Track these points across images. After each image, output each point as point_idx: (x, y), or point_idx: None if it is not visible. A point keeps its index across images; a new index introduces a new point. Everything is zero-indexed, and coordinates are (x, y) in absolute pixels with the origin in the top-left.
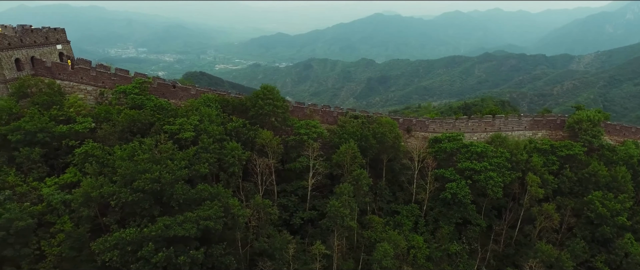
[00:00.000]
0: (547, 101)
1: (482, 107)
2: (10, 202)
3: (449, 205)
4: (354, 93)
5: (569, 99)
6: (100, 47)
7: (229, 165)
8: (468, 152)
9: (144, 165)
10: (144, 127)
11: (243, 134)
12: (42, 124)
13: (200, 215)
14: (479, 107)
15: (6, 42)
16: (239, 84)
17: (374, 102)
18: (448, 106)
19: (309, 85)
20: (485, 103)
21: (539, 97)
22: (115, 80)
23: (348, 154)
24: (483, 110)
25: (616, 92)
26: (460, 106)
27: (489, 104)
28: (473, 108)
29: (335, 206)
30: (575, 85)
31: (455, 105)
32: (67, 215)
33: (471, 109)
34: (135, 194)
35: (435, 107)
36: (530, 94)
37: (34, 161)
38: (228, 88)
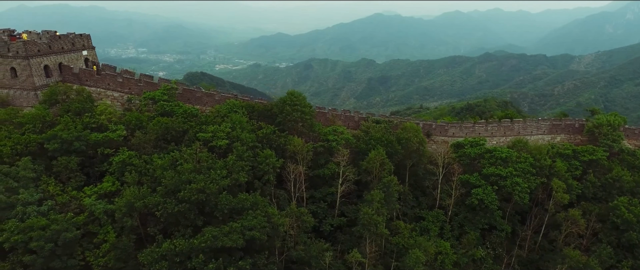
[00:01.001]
0: (548, 101)
1: (485, 108)
2: (54, 213)
3: (475, 211)
4: (355, 93)
5: (570, 99)
6: (100, 48)
7: (263, 173)
8: (492, 157)
9: (188, 175)
10: (178, 135)
11: (274, 141)
12: (78, 132)
13: (244, 225)
14: (481, 108)
15: (36, 49)
16: (240, 84)
17: (375, 102)
18: (450, 106)
19: (309, 85)
20: (488, 104)
21: (539, 97)
22: (142, 86)
23: (377, 160)
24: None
25: (617, 92)
26: (463, 107)
27: (491, 104)
28: (476, 108)
29: (369, 213)
30: (576, 86)
31: (457, 105)
32: (109, 225)
33: (474, 109)
34: (181, 205)
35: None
36: (531, 94)
37: (72, 170)
38: (229, 88)
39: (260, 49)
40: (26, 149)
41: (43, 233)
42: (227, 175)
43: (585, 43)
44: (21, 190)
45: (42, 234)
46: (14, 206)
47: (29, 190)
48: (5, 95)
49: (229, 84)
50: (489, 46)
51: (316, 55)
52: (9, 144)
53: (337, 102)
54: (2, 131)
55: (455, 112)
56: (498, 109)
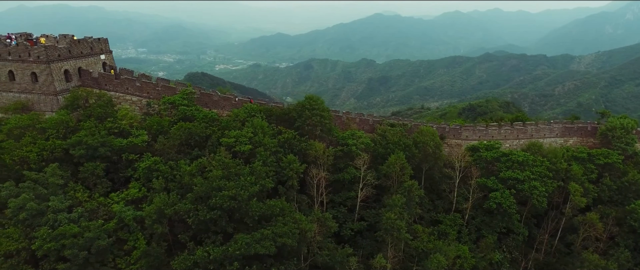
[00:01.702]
0: (549, 102)
1: (487, 108)
2: (84, 220)
3: (492, 215)
4: (355, 93)
5: (571, 99)
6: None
7: (287, 178)
8: (508, 160)
9: (218, 182)
10: (201, 140)
11: (295, 145)
12: (103, 138)
13: (275, 231)
14: (483, 108)
15: (56, 54)
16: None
17: (375, 102)
18: (452, 107)
19: (309, 85)
20: (490, 104)
21: (540, 97)
22: (160, 90)
23: (397, 164)
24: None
25: (618, 92)
26: (465, 107)
27: (493, 105)
28: (478, 109)
29: (391, 218)
30: (577, 86)
31: (459, 106)
32: (139, 232)
33: (476, 110)
34: (213, 212)
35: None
36: (532, 94)
37: (98, 176)
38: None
39: (260, 49)
40: (52, 155)
41: (76, 241)
42: (256, 181)
43: (585, 43)
44: (52, 198)
45: (75, 241)
46: (44, 213)
47: (58, 197)
48: (26, 100)
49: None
50: (488, 46)
51: (316, 55)
52: (35, 150)
53: (338, 103)
54: (26, 137)
55: (458, 112)
56: (500, 110)
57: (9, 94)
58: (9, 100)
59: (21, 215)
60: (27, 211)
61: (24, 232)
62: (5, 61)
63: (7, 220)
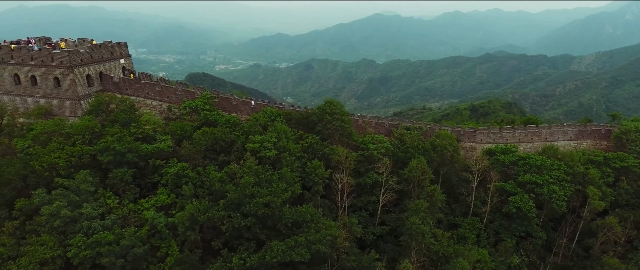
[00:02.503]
0: (550, 102)
1: (489, 109)
2: (117, 227)
3: (511, 219)
4: (356, 93)
5: (572, 99)
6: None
7: (312, 184)
8: (526, 164)
9: (251, 189)
10: (226, 145)
11: (318, 150)
12: (130, 144)
13: (308, 238)
14: (485, 109)
15: (79, 59)
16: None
17: (376, 102)
18: (454, 107)
19: (309, 85)
20: (492, 105)
21: (541, 98)
22: (180, 94)
23: (419, 169)
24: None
25: (618, 92)
26: (467, 108)
27: (495, 105)
28: (480, 109)
29: (416, 223)
30: (578, 86)
31: (461, 106)
32: (171, 238)
33: (478, 110)
34: (247, 219)
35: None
36: (533, 94)
37: (127, 182)
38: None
39: (260, 49)
40: (80, 160)
41: (113, 248)
42: (287, 188)
43: (585, 43)
44: (85, 205)
45: (112, 249)
46: (77, 220)
47: (91, 204)
48: (48, 105)
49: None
50: (488, 46)
51: (316, 55)
52: (64, 156)
53: None
54: (52, 142)
55: (460, 113)
56: (502, 110)
57: (31, 99)
58: (31, 105)
59: (56, 222)
60: (61, 218)
61: (58, 239)
62: (28, 66)
63: (40, 227)
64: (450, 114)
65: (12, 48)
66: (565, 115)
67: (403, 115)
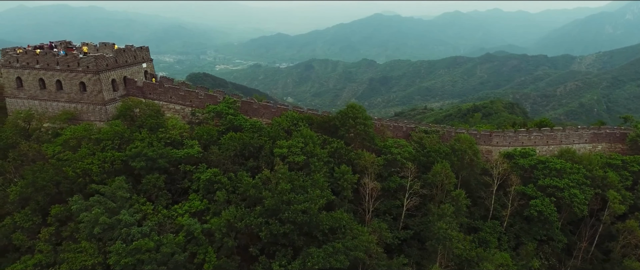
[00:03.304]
0: (551, 102)
1: (491, 109)
2: (155, 234)
3: (532, 222)
4: (356, 94)
5: (573, 100)
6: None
7: (341, 189)
8: (546, 168)
9: (288, 195)
10: (255, 151)
11: (343, 155)
12: (161, 150)
13: (345, 245)
14: (488, 109)
15: (105, 64)
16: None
17: (376, 102)
18: (456, 108)
19: (310, 85)
20: (495, 105)
21: (542, 98)
22: (202, 99)
23: (443, 173)
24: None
25: (619, 93)
26: (469, 108)
27: (498, 106)
28: (482, 110)
29: (443, 228)
30: (578, 86)
31: (464, 107)
32: (208, 245)
33: (481, 111)
34: (285, 226)
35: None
36: (534, 95)
37: (160, 188)
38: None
39: (260, 49)
40: (112, 166)
41: (154, 256)
42: (322, 194)
43: (585, 43)
44: (122, 212)
45: (153, 256)
46: (114, 227)
47: (128, 211)
48: (74, 110)
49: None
50: (488, 46)
51: (316, 55)
52: (96, 162)
53: (339, 103)
54: (83, 148)
55: (462, 113)
56: (505, 111)
57: (57, 104)
58: (56, 109)
59: (95, 229)
60: (100, 225)
61: (98, 246)
62: (53, 71)
63: (79, 234)
64: (452, 114)
65: (37, 53)
66: (566, 116)
67: (405, 115)
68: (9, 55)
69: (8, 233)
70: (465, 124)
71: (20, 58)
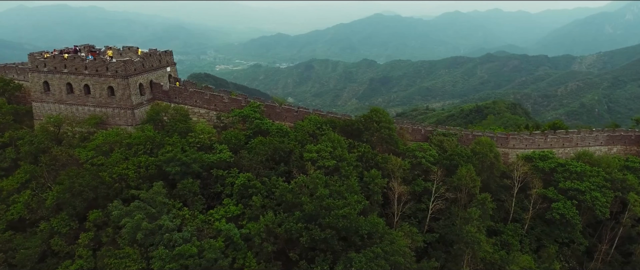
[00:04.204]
0: (552, 102)
1: (494, 110)
2: (196, 239)
3: (553, 225)
4: (357, 94)
5: (574, 100)
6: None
7: (372, 193)
8: (566, 171)
9: (327, 201)
10: (285, 155)
11: (371, 159)
12: (194, 154)
13: (385, 250)
14: (491, 110)
15: (133, 68)
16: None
17: (377, 103)
18: (459, 109)
19: (310, 85)
20: (497, 106)
21: (543, 98)
22: (227, 103)
23: (468, 176)
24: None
25: (620, 93)
26: (472, 109)
27: (500, 106)
28: (485, 110)
29: (471, 232)
30: (579, 87)
31: (466, 107)
32: (247, 250)
33: (483, 111)
34: (326, 231)
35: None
36: (534, 95)
37: (195, 193)
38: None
39: (260, 49)
40: (146, 171)
41: (199, 261)
42: (359, 199)
43: (585, 43)
44: (163, 217)
45: (198, 262)
46: (154, 233)
47: (168, 216)
48: (102, 114)
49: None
50: (489, 46)
51: (316, 55)
52: (131, 167)
53: (339, 103)
54: (116, 153)
55: (464, 114)
56: (507, 111)
57: (84, 108)
58: (84, 114)
59: (138, 235)
60: (142, 231)
61: (140, 252)
62: (82, 75)
63: (120, 240)
64: (455, 114)
65: (65, 57)
66: (567, 116)
67: (406, 116)
68: (36, 59)
69: (46, 238)
70: (478, 125)
71: (48, 62)
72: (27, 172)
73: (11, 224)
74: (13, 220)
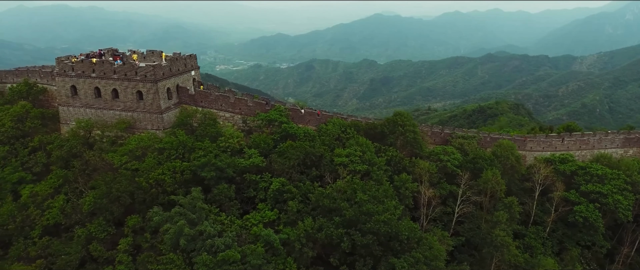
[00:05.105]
0: (553, 103)
1: (497, 110)
2: (236, 245)
3: (575, 228)
4: (357, 94)
5: (575, 100)
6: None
7: (403, 198)
8: (587, 174)
9: (367, 206)
10: (316, 159)
11: (398, 163)
12: (228, 159)
13: (425, 255)
14: (493, 110)
15: (161, 73)
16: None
17: (378, 103)
18: (461, 109)
19: (311, 86)
20: (500, 106)
21: (544, 98)
22: (251, 106)
23: (493, 180)
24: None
25: (621, 93)
26: (475, 109)
27: (503, 107)
28: (488, 111)
29: (500, 236)
30: (580, 87)
31: (468, 108)
32: (287, 256)
33: (486, 112)
34: (367, 236)
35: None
36: (535, 95)
37: (231, 198)
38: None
39: (261, 49)
40: (182, 176)
41: (242, 267)
42: (397, 205)
43: (585, 43)
44: (204, 223)
45: (241, 268)
46: (195, 239)
47: (209, 222)
48: (130, 118)
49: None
50: (489, 46)
51: (316, 55)
52: (167, 173)
53: (340, 103)
54: (149, 158)
55: (467, 114)
56: (510, 112)
57: (112, 112)
58: (111, 118)
59: (181, 241)
60: (185, 237)
61: (183, 258)
62: (110, 80)
63: (162, 246)
64: (457, 115)
65: (93, 62)
66: (569, 116)
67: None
68: (63, 64)
69: (84, 244)
70: (492, 127)
71: (76, 67)
72: (60, 177)
73: (46, 229)
74: (48, 225)
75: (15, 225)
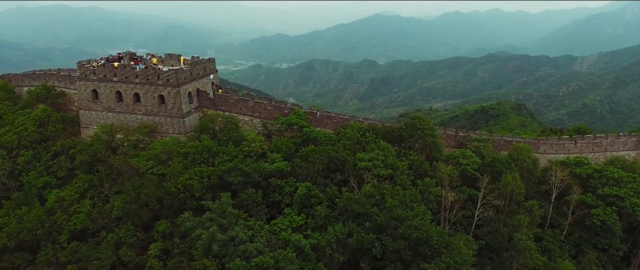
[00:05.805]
0: (553, 103)
1: (499, 111)
2: (268, 250)
3: (592, 231)
4: (358, 94)
5: (575, 100)
6: (100, 48)
7: (427, 202)
8: (603, 177)
9: (398, 211)
10: (340, 164)
11: (419, 167)
12: (254, 164)
13: (456, 260)
14: (496, 111)
15: (183, 77)
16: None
17: (378, 103)
18: (463, 109)
19: (311, 86)
20: (502, 106)
21: (544, 98)
22: (271, 110)
23: (513, 184)
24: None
25: (622, 93)
26: (476, 109)
27: (505, 107)
28: (490, 111)
29: (523, 239)
30: (581, 87)
31: (470, 108)
32: (318, 261)
33: (488, 112)
34: (397, 242)
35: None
36: (536, 95)
37: (258, 203)
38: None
39: (261, 49)
40: (208, 181)
41: None
42: (425, 210)
43: (585, 43)
44: (236, 228)
45: None
46: (227, 244)
47: (239, 227)
48: (151, 122)
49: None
50: (489, 46)
51: (316, 55)
52: (195, 178)
53: (340, 103)
54: (175, 162)
55: (469, 115)
56: (512, 112)
57: (134, 116)
58: (133, 122)
59: (214, 247)
60: (217, 242)
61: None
62: (132, 84)
63: (196, 251)
64: (459, 115)
65: (115, 66)
66: (570, 117)
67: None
68: (85, 68)
69: (113, 248)
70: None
71: (97, 71)
72: (85, 182)
73: (72, 234)
74: (75, 230)
75: (44, 231)
